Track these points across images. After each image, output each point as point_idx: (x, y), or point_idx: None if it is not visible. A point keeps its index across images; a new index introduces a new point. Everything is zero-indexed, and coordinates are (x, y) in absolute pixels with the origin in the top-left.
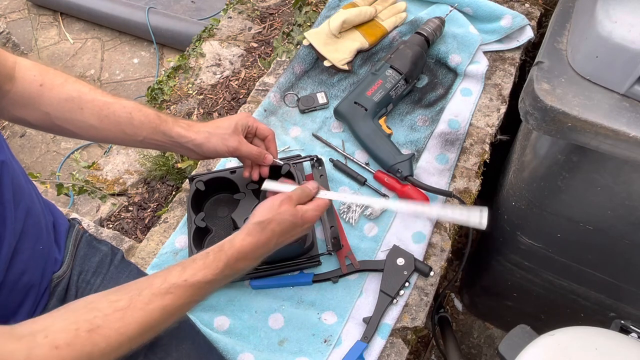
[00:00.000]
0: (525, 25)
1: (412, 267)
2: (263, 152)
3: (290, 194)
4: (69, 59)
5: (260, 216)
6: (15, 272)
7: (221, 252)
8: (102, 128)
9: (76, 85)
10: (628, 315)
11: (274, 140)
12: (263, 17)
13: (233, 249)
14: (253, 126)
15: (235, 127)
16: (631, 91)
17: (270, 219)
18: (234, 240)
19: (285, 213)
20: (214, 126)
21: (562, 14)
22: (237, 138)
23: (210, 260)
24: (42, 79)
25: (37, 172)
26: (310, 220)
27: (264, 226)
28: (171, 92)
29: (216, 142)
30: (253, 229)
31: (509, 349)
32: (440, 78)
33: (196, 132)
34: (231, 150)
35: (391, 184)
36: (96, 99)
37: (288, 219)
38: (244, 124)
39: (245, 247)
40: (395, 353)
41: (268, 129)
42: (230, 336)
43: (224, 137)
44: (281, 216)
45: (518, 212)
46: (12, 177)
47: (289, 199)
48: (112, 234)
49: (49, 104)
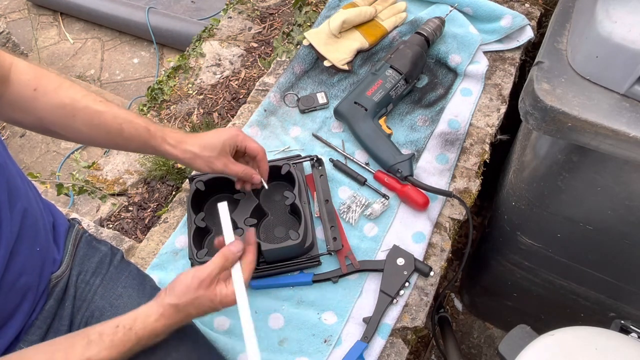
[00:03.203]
0: (525, 25)
1: (412, 267)
2: (249, 172)
3: (210, 271)
4: (69, 59)
5: (176, 298)
6: (13, 274)
7: (131, 330)
8: (93, 135)
9: (70, 91)
10: (628, 315)
11: (265, 160)
12: (263, 17)
13: (145, 330)
14: (242, 145)
15: (222, 147)
16: (631, 91)
17: (187, 302)
18: (146, 319)
19: (203, 298)
20: (201, 146)
21: (562, 14)
22: (223, 160)
23: (118, 338)
24: (36, 83)
25: (37, 172)
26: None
27: (179, 309)
28: (171, 92)
29: (201, 164)
30: (168, 310)
31: (509, 349)
32: (440, 78)
33: (183, 150)
34: (217, 172)
35: (391, 184)
36: (88, 106)
37: (205, 303)
38: (231, 144)
39: (158, 329)
40: (395, 353)
41: (258, 148)
42: (230, 336)
43: (209, 160)
44: (199, 301)
45: (518, 212)
46: (7, 179)
47: (209, 281)
48: (112, 234)
49: (42, 109)
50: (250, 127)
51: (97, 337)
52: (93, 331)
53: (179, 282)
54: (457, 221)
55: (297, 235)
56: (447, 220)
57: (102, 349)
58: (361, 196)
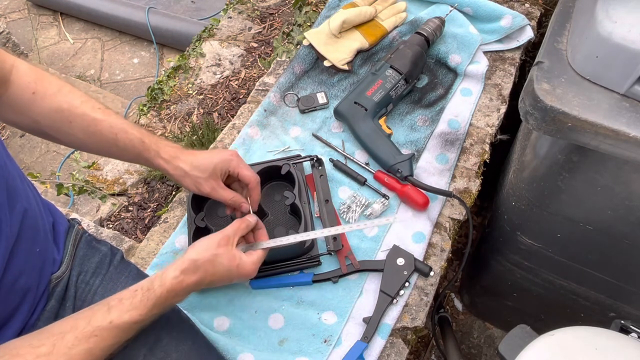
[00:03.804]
0: (525, 25)
1: (412, 267)
2: (238, 200)
3: (228, 232)
4: (69, 59)
5: (196, 254)
6: (12, 274)
7: (150, 291)
8: (89, 143)
9: (69, 96)
10: (628, 315)
11: (257, 188)
12: (263, 17)
13: (163, 288)
14: (234, 171)
15: (213, 170)
16: (631, 91)
17: (207, 259)
18: (164, 277)
19: (223, 256)
20: (192, 165)
21: (562, 14)
22: (212, 184)
23: (137, 300)
24: (36, 86)
25: (37, 172)
26: (246, 274)
27: (198, 265)
28: (171, 92)
29: (189, 183)
30: (187, 266)
31: (509, 349)
32: (440, 78)
33: (174, 167)
34: (204, 194)
35: (391, 184)
36: (85, 113)
37: (224, 263)
38: (223, 168)
39: (176, 286)
40: (395, 353)
41: (251, 177)
42: (230, 336)
43: (197, 180)
44: (218, 258)
45: (518, 212)
46: (7, 180)
47: (226, 239)
48: (112, 234)
49: (39, 112)
50: (250, 127)
51: (117, 303)
52: (113, 298)
53: (199, 242)
54: (457, 221)
55: None
56: (447, 220)
57: (123, 313)
58: (361, 196)
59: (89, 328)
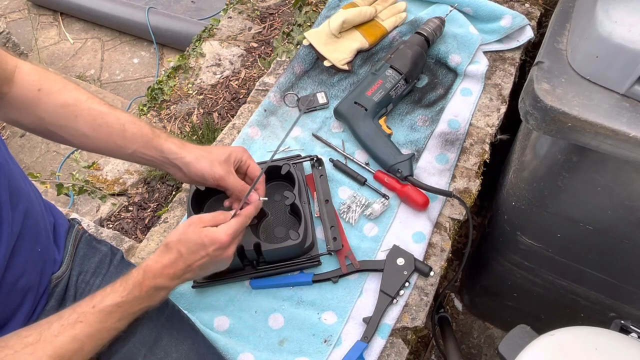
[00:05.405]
0: (525, 25)
1: (412, 267)
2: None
3: (203, 215)
4: (69, 59)
5: (168, 238)
6: (13, 274)
7: (128, 275)
8: (94, 137)
9: (74, 92)
10: (628, 315)
11: (263, 182)
12: (263, 17)
13: (139, 269)
14: (246, 162)
15: (228, 157)
16: (631, 91)
17: (176, 238)
18: (141, 263)
19: (190, 233)
20: (207, 150)
21: (562, 14)
22: (227, 168)
23: (117, 284)
24: (40, 83)
25: (37, 172)
26: (219, 240)
27: (170, 247)
28: (171, 92)
29: (204, 165)
30: (160, 249)
31: (509, 349)
32: (440, 78)
33: (188, 151)
34: (217, 177)
35: (391, 184)
36: (92, 107)
37: (192, 238)
38: (237, 157)
39: (152, 267)
40: (395, 353)
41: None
42: (230, 336)
43: (213, 162)
44: (186, 236)
45: (518, 212)
46: (9, 179)
47: (198, 221)
48: (112, 234)
49: (44, 109)
50: (250, 127)
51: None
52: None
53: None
54: (457, 221)
55: (297, 235)
56: (447, 220)
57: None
58: (361, 196)
59: (73, 315)
